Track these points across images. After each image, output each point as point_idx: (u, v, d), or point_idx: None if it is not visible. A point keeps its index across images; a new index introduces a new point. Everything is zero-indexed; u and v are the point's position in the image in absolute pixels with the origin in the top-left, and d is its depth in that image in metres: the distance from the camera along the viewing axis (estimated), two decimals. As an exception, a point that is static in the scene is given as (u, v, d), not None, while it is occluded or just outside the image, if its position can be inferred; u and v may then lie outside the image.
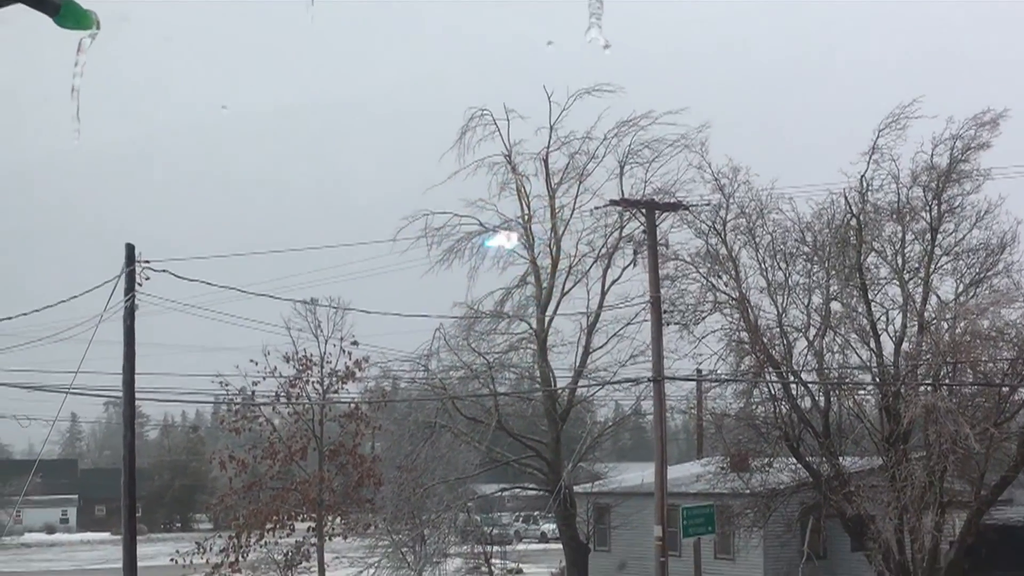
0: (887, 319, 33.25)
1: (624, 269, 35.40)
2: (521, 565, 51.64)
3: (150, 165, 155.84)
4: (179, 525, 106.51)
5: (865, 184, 32.89)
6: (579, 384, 36.86)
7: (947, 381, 31.57)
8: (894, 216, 33.05)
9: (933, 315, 32.48)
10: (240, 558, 39.27)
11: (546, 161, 35.51)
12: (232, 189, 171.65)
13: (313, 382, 40.09)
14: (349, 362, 39.76)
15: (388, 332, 37.06)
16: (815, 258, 33.88)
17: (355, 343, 39.37)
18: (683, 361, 34.06)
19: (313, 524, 40.21)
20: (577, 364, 36.36)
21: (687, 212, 33.18)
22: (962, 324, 31.37)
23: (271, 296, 32.32)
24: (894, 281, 33.23)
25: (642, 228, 31.29)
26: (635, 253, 32.36)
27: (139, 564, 28.34)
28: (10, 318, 27.25)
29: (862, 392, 34.62)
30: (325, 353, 39.76)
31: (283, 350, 39.40)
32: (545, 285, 35.95)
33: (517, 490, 43.29)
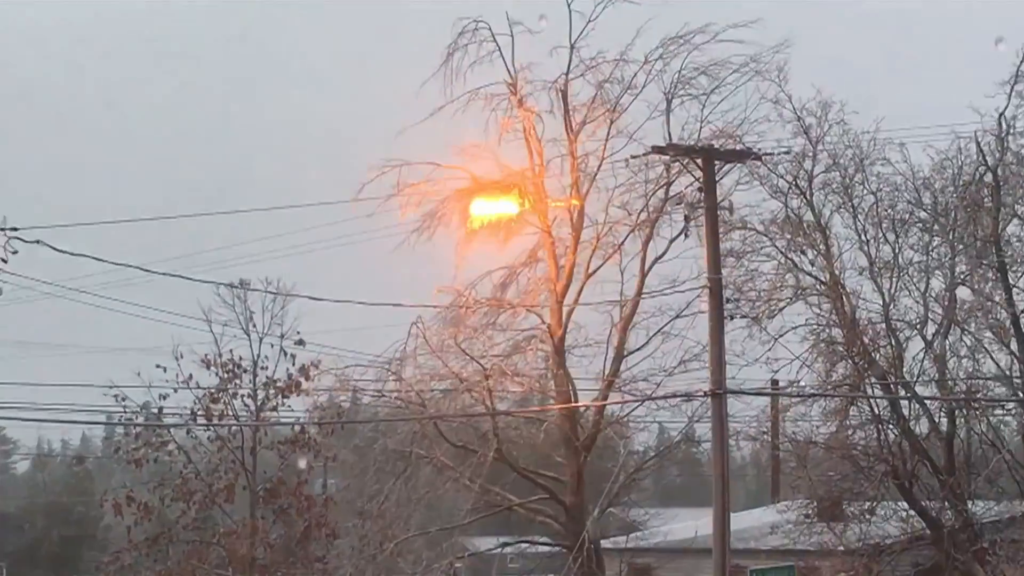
0: (1035, 311, 34.10)
1: (672, 241, 35.46)
2: (529, 647, 51.52)
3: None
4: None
5: (1005, 125, 33.54)
6: (609, 400, 36.82)
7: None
8: (1046, 169, 33.39)
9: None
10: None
11: (565, 92, 35.18)
12: (127, 125, 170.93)
13: (243, 395, 40.35)
14: (292, 368, 40.01)
15: (347, 327, 37.21)
16: (935, 227, 34.72)
17: (301, 342, 39.64)
18: (752, 369, 34.68)
19: (243, 591, 39.90)
20: (607, 372, 36.45)
21: (759, 163, 33.43)
22: None
23: (184, 277, 31.69)
24: (1046, 258, 33.67)
25: (697, 185, 31.21)
26: (687, 220, 31.93)
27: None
28: None
29: (1000, 412, 35.54)
30: (260, 356, 40.32)
31: (202, 351, 39.65)
32: (563, 263, 35.77)
33: (524, 545, 43.08)
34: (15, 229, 26.58)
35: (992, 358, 34.28)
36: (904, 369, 34.53)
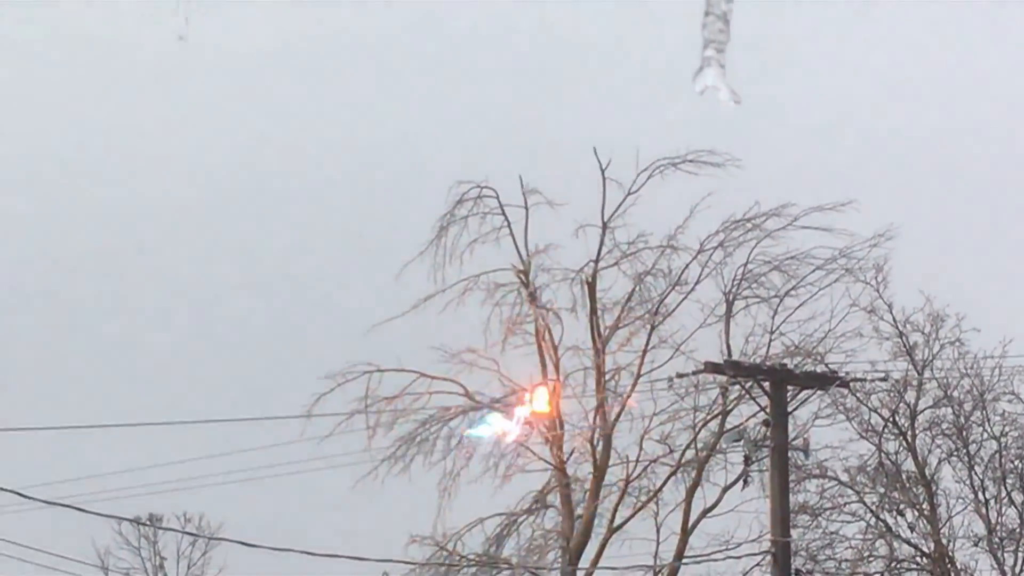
0: None
1: (726, 490, 33.30)
2: None
3: None
4: None
5: None
6: None
7: None
8: None
9: None
10: None
11: (592, 285, 33.14)
12: None
13: None
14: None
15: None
16: (1080, 486, 34.89)
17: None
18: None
19: None
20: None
21: (846, 392, 33.24)
22: None
23: (74, 507, 30.21)
24: None
25: (763, 417, 31.36)
26: (747, 462, 31.68)
27: None
28: None
29: None
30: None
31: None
32: (580, 513, 33.48)
33: None
34: None
35: None
36: None
